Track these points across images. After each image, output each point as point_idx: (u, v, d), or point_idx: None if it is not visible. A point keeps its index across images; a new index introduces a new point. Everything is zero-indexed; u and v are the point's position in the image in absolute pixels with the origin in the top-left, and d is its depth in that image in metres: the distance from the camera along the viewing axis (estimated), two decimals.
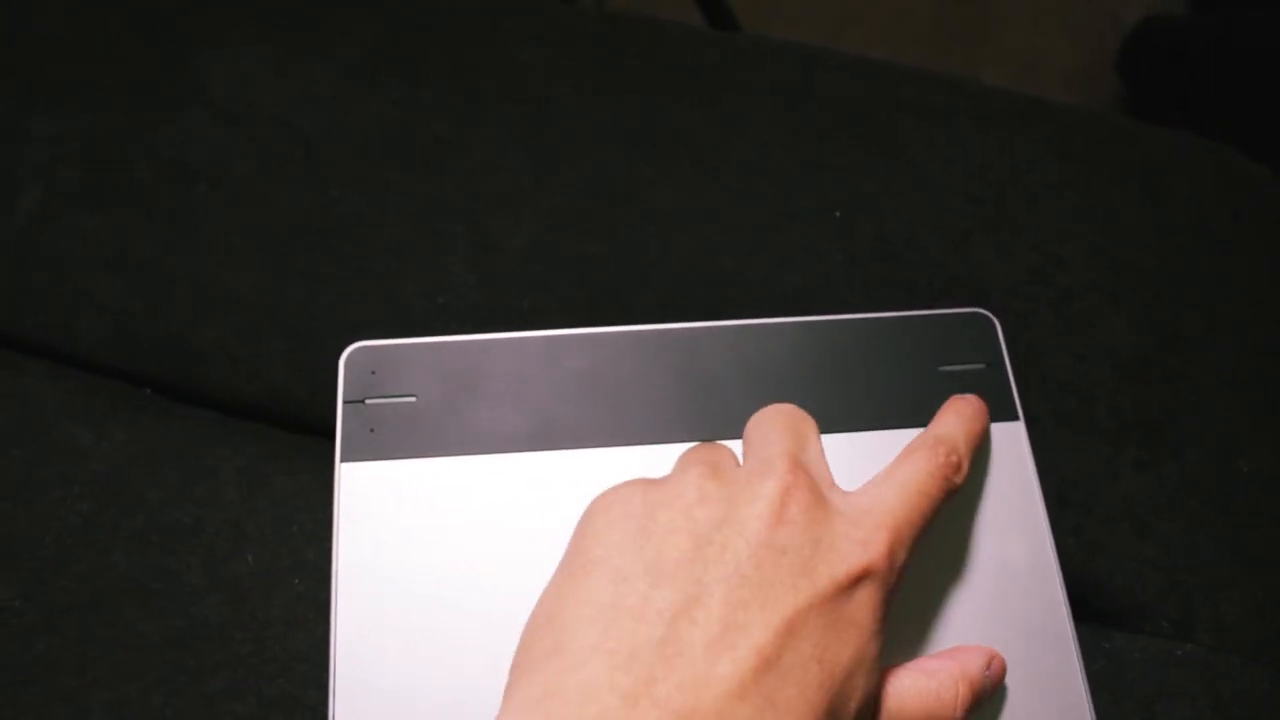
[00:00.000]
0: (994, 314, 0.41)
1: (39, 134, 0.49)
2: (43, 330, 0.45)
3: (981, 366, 0.39)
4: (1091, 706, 0.34)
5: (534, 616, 0.31)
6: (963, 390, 0.39)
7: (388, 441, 0.38)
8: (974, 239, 0.46)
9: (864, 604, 0.30)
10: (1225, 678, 0.37)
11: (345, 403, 0.39)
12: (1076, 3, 1.13)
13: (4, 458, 0.40)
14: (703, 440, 0.38)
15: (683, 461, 0.35)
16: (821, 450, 0.35)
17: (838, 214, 0.45)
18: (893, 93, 0.50)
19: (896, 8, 1.15)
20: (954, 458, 0.35)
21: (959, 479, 0.35)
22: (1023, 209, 0.47)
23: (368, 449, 0.38)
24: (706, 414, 0.38)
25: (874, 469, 0.37)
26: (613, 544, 0.31)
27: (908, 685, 0.31)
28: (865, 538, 0.31)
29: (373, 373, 0.39)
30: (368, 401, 0.39)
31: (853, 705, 0.29)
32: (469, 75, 0.50)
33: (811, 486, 0.32)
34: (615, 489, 0.33)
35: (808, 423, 0.36)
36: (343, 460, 0.38)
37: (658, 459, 0.37)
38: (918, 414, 0.38)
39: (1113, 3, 1.12)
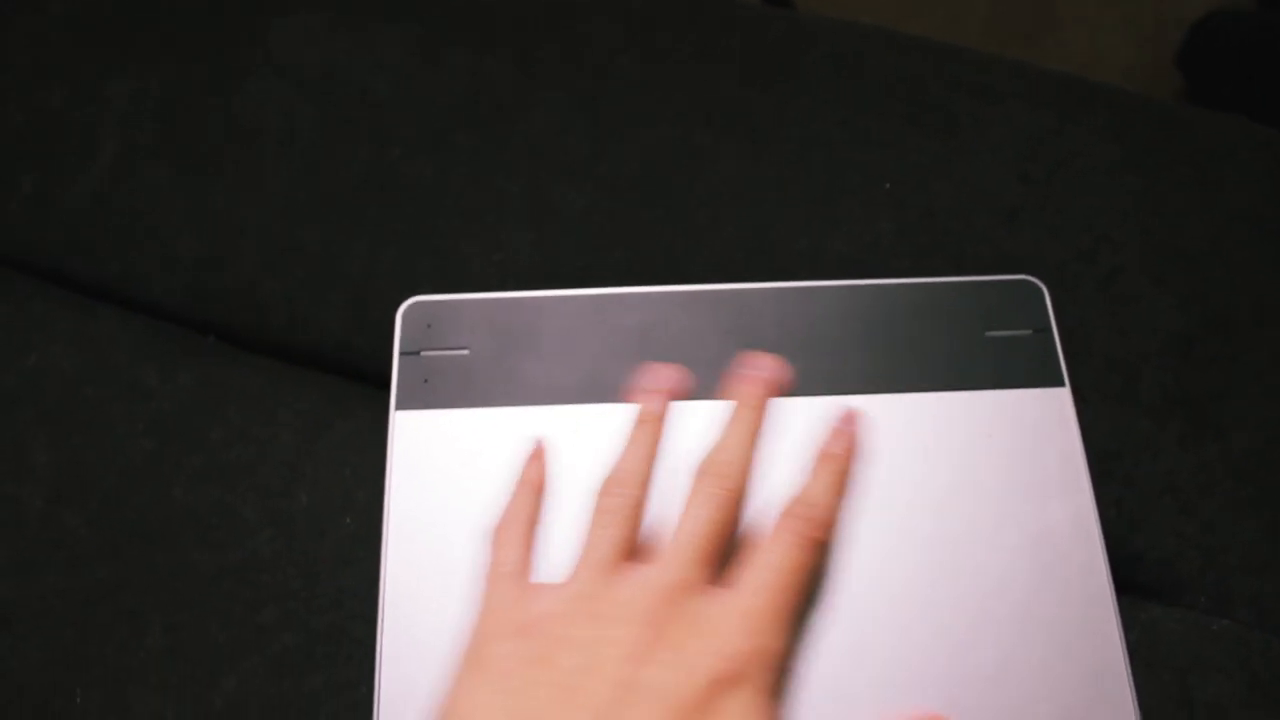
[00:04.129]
0: None
1: (117, 94, 0.51)
2: (116, 278, 0.46)
3: (1028, 332, 0.40)
4: (1130, 670, 0.35)
5: None
6: (1011, 354, 0.39)
7: (441, 392, 0.39)
8: (1022, 216, 0.46)
9: None
10: (1261, 655, 0.37)
11: (401, 354, 0.40)
12: (1140, 1, 1.12)
13: (76, 395, 0.42)
14: None
15: None
16: None
17: (888, 186, 0.46)
18: (948, 72, 0.51)
19: (955, 5, 1.15)
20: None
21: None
22: (1073, 190, 0.47)
23: (421, 398, 0.39)
24: None
25: (916, 431, 0.37)
26: None
27: None
28: None
29: (428, 326, 0.40)
30: (423, 353, 0.40)
31: None
32: (533, 45, 0.51)
33: None
34: None
35: None
36: (397, 408, 0.39)
37: (702, 413, 0.38)
38: (963, 378, 0.39)
39: (1176, 1, 1.11)
